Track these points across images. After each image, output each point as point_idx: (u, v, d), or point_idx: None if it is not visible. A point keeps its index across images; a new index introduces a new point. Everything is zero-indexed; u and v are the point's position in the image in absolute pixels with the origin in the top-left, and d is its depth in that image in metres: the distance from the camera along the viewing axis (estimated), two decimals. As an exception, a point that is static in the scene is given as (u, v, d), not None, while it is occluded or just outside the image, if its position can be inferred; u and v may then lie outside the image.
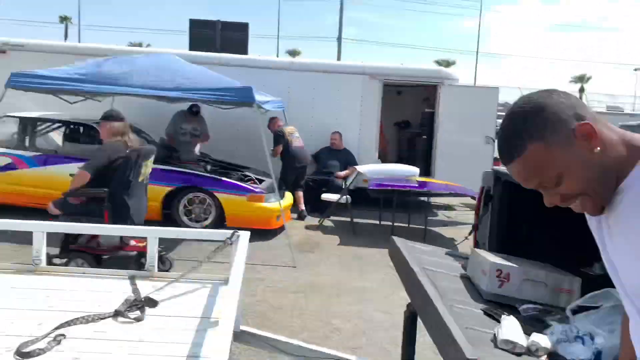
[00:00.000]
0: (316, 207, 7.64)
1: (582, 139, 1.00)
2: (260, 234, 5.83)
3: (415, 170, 7.32)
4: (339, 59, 33.76)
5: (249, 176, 6.71)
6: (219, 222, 6.18)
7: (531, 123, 1.02)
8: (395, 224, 6.95)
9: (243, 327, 2.66)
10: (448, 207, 9.24)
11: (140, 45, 24.38)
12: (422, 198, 8.19)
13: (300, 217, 7.46)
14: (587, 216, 1.15)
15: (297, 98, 8.37)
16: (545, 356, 1.81)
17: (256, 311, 4.06)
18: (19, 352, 1.73)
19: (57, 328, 1.94)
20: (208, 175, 6.36)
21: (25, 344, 1.79)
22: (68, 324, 1.98)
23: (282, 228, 6.24)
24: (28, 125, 6.64)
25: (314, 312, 4.20)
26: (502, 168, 3.22)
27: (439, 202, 9.40)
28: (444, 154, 8.55)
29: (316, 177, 8.01)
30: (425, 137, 9.66)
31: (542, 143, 1.01)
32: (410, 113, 11.00)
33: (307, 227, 7.07)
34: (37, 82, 5.46)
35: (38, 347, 1.79)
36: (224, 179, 6.31)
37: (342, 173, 7.91)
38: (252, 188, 6.28)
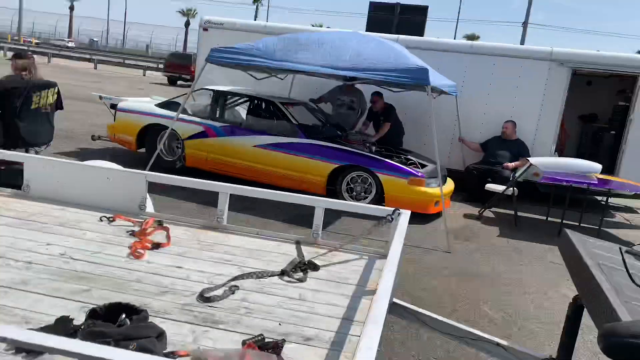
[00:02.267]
0: (478, 196, 7.39)
1: None
2: (417, 218, 5.85)
3: (597, 166, 6.63)
4: (522, 44, 31.55)
5: (412, 160, 6.74)
6: (378, 202, 6.33)
7: None
8: (566, 221, 6.42)
9: (396, 300, 2.74)
10: (629, 209, 8.23)
11: (320, 26, 25.69)
12: (600, 198, 7.41)
13: None
14: None
15: (472, 83, 8.11)
16: None
17: (405, 290, 4.14)
18: (201, 296, 2.05)
19: (232, 280, 2.24)
20: (372, 155, 6.53)
21: (207, 289, 2.11)
22: (242, 277, 2.28)
23: (439, 214, 6.19)
24: (220, 98, 7.44)
25: (464, 297, 4.15)
26: None
27: (619, 203, 8.43)
28: (635, 151, 7.59)
29: (481, 166, 7.72)
30: (614, 132, 8.67)
31: None
32: (599, 106, 9.92)
33: (466, 216, 6.89)
34: (231, 57, 6.11)
35: (216, 293, 2.09)
36: (387, 160, 6.43)
37: (512, 164, 7.50)
38: (413, 171, 6.30)
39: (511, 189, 6.75)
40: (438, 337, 3.10)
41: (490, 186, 7.04)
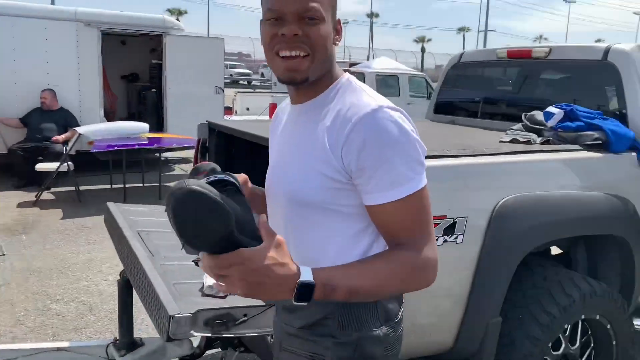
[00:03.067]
0: (30, 179, 6.64)
1: (338, 31, 1.17)
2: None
3: (144, 126, 6.93)
4: (52, 3, 29.42)
5: None
6: None
7: None
8: (129, 185, 6.52)
9: None
10: (185, 160, 9.11)
11: None
12: (156, 154, 7.86)
13: None
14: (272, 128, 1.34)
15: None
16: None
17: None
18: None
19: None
20: None
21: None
22: None
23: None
24: None
25: (29, 299, 3.66)
26: (216, 120, 3.20)
27: (174, 156, 9.20)
28: (175, 107, 8.27)
29: (26, 145, 6.89)
30: (154, 90, 9.21)
31: None
32: (138, 65, 10.31)
33: (20, 205, 6.08)
34: None
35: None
36: None
37: (61, 137, 6.99)
38: None
39: (66, 164, 6.31)
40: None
41: (42, 165, 6.39)
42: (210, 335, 1.64)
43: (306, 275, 0.97)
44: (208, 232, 0.89)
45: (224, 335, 1.71)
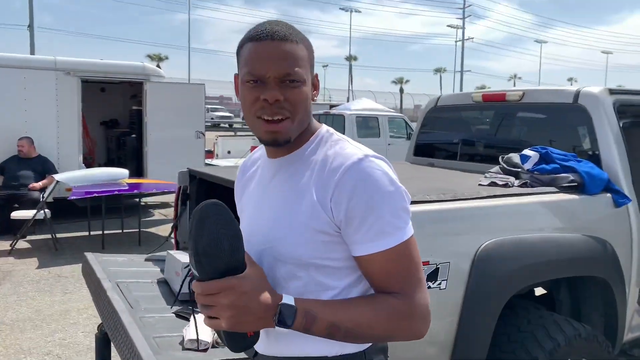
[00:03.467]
0: (5, 228, 6.49)
1: (315, 86, 1.18)
2: None
3: (124, 172, 6.86)
4: (32, 52, 29.54)
5: None
6: None
7: (304, 37, 1.15)
8: (108, 231, 6.41)
9: None
10: (165, 205, 9.03)
11: None
12: (136, 199, 7.78)
13: None
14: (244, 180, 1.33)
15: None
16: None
17: None
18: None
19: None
20: None
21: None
22: None
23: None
24: None
25: (0, 355, 3.51)
26: (197, 168, 3.20)
27: (154, 201, 9.11)
28: (155, 151, 8.25)
29: (2, 193, 6.75)
30: (134, 135, 9.20)
31: (308, 54, 1.14)
32: (118, 111, 10.34)
33: (-4, 254, 5.93)
34: None
35: None
36: None
37: (39, 184, 6.89)
38: None
39: (42, 211, 6.19)
40: None
41: (18, 213, 6.26)
42: (191, 393, 1.59)
43: (288, 300, 1.02)
44: (222, 250, 0.98)
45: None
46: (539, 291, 3.03)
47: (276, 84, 1.08)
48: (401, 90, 67.38)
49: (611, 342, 2.53)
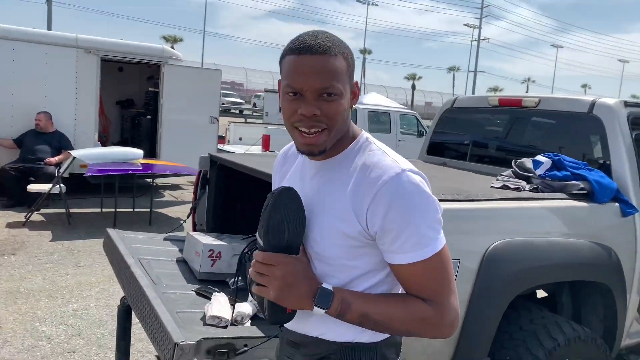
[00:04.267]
0: (21, 200, 6.63)
1: (354, 94, 1.21)
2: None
3: (139, 152, 6.98)
4: (50, 27, 29.66)
5: None
6: None
7: (345, 47, 1.17)
8: (120, 209, 6.54)
9: None
10: (175, 187, 9.15)
11: None
12: (148, 180, 7.91)
13: None
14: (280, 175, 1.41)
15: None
16: (249, 321, 1.93)
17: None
18: None
19: None
20: None
21: None
22: None
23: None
24: None
25: (17, 321, 3.65)
26: (217, 153, 3.30)
27: (165, 182, 9.24)
28: (169, 134, 8.37)
29: (19, 165, 6.90)
30: (149, 117, 9.31)
31: (347, 64, 1.16)
32: (134, 91, 10.44)
33: (10, 225, 6.06)
34: None
35: None
36: None
37: (55, 159, 7.04)
38: None
39: (58, 186, 6.32)
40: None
41: (34, 186, 6.40)
42: (212, 364, 1.69)
43: (328, 286, 1.15)
44: (288, 231, 1.15)
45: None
46: (541, 294, 3.11)
47: (313, 98, 1.12)
48: (413, 87, 67.03)
49: (609, 346, 2.61)
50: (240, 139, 11.26)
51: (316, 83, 1.11)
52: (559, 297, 2.82)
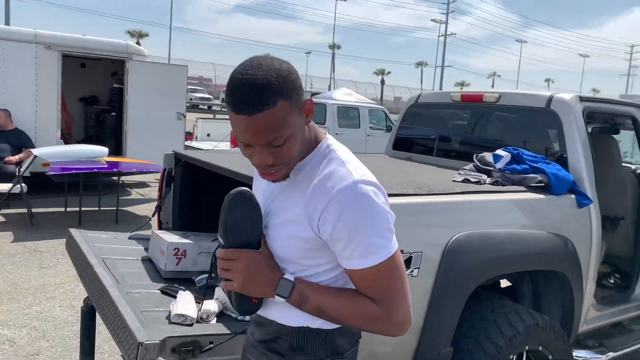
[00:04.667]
0: (-20, 200, 6.43)
1: (307, 112, 1.18)
2: None
3: (104, 150, 6.84)
4: (7, 21, 28.71)
5: None
6: None
7: (284, 81, 1.10)
8: (85, 208, 6.41)
9: None
10: (142, 185, 9.01)
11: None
12: (114, 177, 7.76)
13: None
14: (256, 176, 1.41)
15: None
16: (215, 319, 1.94)
17: None
18: None
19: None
20: None
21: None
22: None
23: None
24: None
25: (-21, 326, 3.55)
26: (182, 151, 3.27)
27: (132, 180, 9.09)
28: (135, 131, 8.22)
29: (-22, 165, 6.69)
30: (114, 113, 9.13)
31: (289, 102, 1.11)
32: (98, 88, 10.21)
33: (-30, 226, 5.89)
34: None
35: None
36: None
37: (15, 157, 6.83)
38: None
39: (19, 185, 6.15)
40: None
41: (-7, 186, 6.21)
42: (177, 362, 1.69)
43: (289, 277, 1.22)
44: (245, 228, 1.21)
45: (191, 362, 1.76)
46: (505, 284, 3.21)
47: (263, 148, 1.13)
48: (382, 82, 67.58)
49: (567, 333, 2.72)
50: (209, 135, 11.17)
51: (261, 139, 1.11)
52: (519, 287, 2.91)
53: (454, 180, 2.79)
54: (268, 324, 1.31)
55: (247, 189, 1.25)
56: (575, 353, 2.86)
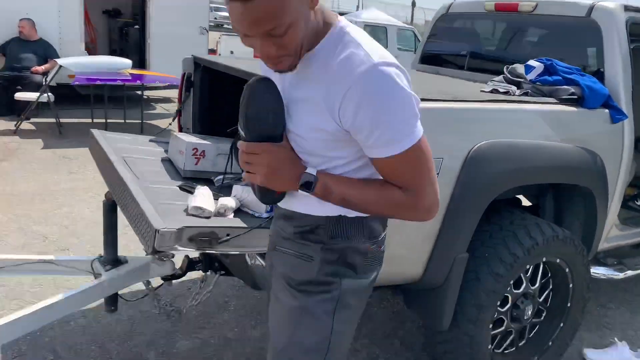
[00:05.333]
0: (9, 108, 6.53)
1: None
2: None
3: (127, 62, 6.79)
4: None
5: None
6: None
7: None
8: (110, 120, 6.47)
9: None
10: (167, 100, 9.01)
11: None
12: (138, 92, 7.76)
13: None
14: (265, 69, 1.30)
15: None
16: (232, 214, 1.96)
17: None
18: None
19: None
20: None
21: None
22: None
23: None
24: None
25: (10, 223, 3.71)
26: (201, 55, 3.19)
27: (157, 95, 9.09)
28: (158, 45, 8.10)
29: (5, 74, 6.72)
30: (138, 27, 8.97)
31: None
32: (120, 0, 9.99)
33: (0, 133, 6.02)
34: None
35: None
36: None
37: (41, 67, 6.85)
38: None
39: (46, 94, 6.20)
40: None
41: (21, 95, 6.29)
42: (194, 250, 1.73)
43: (312, 171, 1.19)
44: (267, 120, 1.16)
45: (207, 252, 1.81)
46: (527, 204, 3.16)
47: (262, 39, 1.05)
48: (413, 4, 64.50)
49: (587, 248, 2.69)
50: (232, 52, 10.97)
51: (258, 28, 1.02)
52: (542, 203, 2.86)
53: (481, 91, 2.68)
54: (300, 217, 1.29)
55: (267, 77, 1.19)
56: (593, 270, 2.85)
